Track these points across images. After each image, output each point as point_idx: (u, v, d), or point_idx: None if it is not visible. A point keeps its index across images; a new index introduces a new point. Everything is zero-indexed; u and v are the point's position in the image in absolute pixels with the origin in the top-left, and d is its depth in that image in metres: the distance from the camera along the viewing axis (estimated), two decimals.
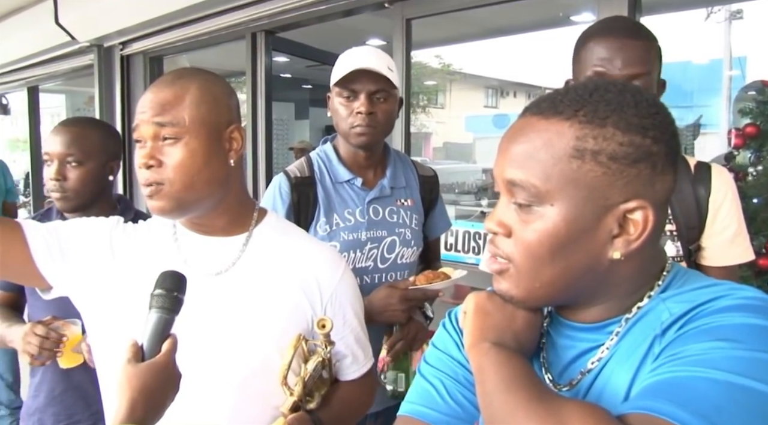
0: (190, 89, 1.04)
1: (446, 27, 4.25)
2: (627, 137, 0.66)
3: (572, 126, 0.68)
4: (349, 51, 1.62)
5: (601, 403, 0.66)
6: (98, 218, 1.16)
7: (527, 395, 0.64)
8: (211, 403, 1.07)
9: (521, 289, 0.73)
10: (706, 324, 0.64)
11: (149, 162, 1.01)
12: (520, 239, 0.70)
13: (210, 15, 3.54)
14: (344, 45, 1.70)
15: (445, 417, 0.81)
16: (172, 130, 1.01)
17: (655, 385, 0.61)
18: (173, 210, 1.04)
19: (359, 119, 1.53)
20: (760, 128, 2.34)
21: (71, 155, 1.60)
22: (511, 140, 0.72)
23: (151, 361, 0.87)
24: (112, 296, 1.08)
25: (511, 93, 16.43)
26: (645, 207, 0.67)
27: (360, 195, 1.62)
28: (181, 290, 0.91)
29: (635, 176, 0.67)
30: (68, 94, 8.51)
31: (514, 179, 0.70)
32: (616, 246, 0.69)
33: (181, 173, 1.01)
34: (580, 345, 0.76)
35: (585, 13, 4.14)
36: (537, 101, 0.73)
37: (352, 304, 1.17)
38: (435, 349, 0.89)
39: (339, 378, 1.19)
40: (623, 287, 0.73)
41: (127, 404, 0.83)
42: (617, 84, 0.71)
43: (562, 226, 0.68)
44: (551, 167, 0.68)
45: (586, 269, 0.70)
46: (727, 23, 9.46)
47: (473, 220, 4.26)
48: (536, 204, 0.69)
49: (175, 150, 1.01)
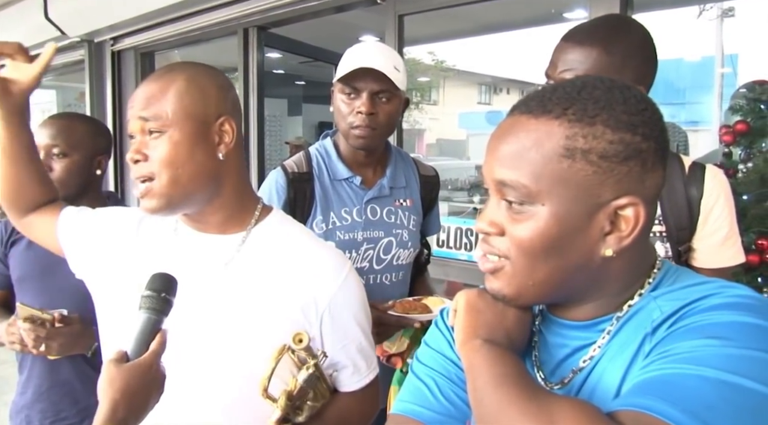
0: (175, 82, 1.02)
1: (439, 23, 4.25)
2: (617, 134, 0.66)
3: (561, 125, 0.67)
4: (356, 46, 1.58)
5: (592, 401, 0.66)
6: (130, 209, 1.22)
7: (518, 392, 0.64)
8: (204, 404, 1.05)
9: (514, 287, 0.73)
10: (697, 322, 0.64)
11: (135, 157, 1.00)
12: (514, 238, 0.70)
13: (202, 10, 3.53)
14: (336, 41, 1.69)
15: (437, 415, 0.81)
16: (155, 124, 1.00)
17: (646, 382, 0.61)
18: (163, 208, 1.02)
19: (359, 118, 1.50)
20: (751, 125, 2.35)
21: (56, 146, 1.62)
22: (500, 140, 0.71)
23: (134, 362, 0.86)
24: (120, 288, 1.09)
25: (505, 90, 16.41)
26: (636, 204, 0.67)
27: (358, 194, 1.59)
28: (170, 292, 0.91)
29: (626, 174, 0.67)
30: (59, 89, 8.44)
31: (504, 179, 0.69)
32: (608, 243, 0.69)
33: (164, 166, 1.00)
34: (571, 343, 0.76)
35: (578, 10, 4.15)
36: (525, 100, 0.72)
37: (353, 313, 1.11)
38: (427, 348, 0.89)
39: (339, 389, 1.13)
40: (615, 285, 0.73)
41: (109, 405, 0.83)
42: (605, 81, 0.71)
43: (553, 225, 0.67)
44: (542, 167, 0.67)
45: (579, 266, 0.70)
46: (719, 21, 9.48)
47: (465, 216, 4.26)
48: (527, 203, 0.69)
49: (159, 143, 1.00)
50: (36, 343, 1.48)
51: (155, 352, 0.88)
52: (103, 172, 1.74)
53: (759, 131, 2.33)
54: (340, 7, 3.13)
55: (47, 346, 1.49)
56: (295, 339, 1.00)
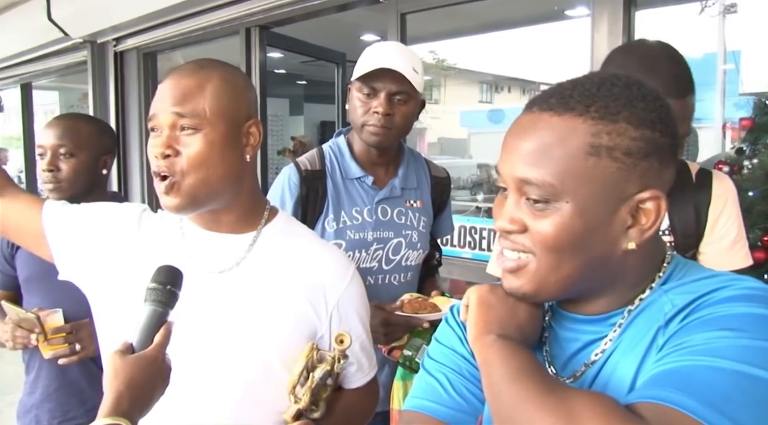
0: (211, 80, 1.01)
1: (440, 22, 4.25)
2: (639, 131, 0.67)
3: (585, 122, 0.67)
4: (376, 45, 1.58)
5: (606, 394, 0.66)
6: (128, 204, 1.17)
7: (536, 386, 0.64)
8: (213, 403, 1.05)
9: (535, 284, 0.72)
10: (710, 314, 0.64)
11: (166, 151, 0.97)
12: (539, 234, 0.70)
13: (204, 10, 3.54)
14: (339, 40, 1.69)
15: (450, 410, 0.81)
16: (192, 120, 0.98)
17: (662, 374, 0.62)
18: (187, 207, 1.00)
19: (375, 118, 1.49)
20: (756, 121, 2.35)
21: (63, 146, 1.63)
22: (520, 137, 0.71)
23: (139, 354, 0.86)
24: (121, 286, 1.07)
25: (506, 88, 16.42)
26: (658, 197, 0.68)
27: (370, 194, 1.59)
28: (176, 285, 0.90)
29: (647, 169, 0.68)
30: (62, 90, 8.46)
31: (527, 177, 0.69)
32: (631, 236, 0.69)
33: (197, 164, 0.98)
34: (583, 337, 0.77)
35: (580, 8, 4.15)
36: (543, 97, 0.72)
37: (358, 312, 1.14)
38: (438, 344, 0.89)
39: (343, 386, 1.16)
40: (628, 278, 0.73)
41: (113, 397, 0.82)
42: (621, 77, 0.71)
43: (579, 221, 0.68)
44: (566, 165, 0.67)
45: (602, 261, 0.70)
46: (721, 17, 9.45)
47: (468, 215, 4.26)
48: (551, 201, 0.68)
49: (193, 141, 0.98)
50: (71, 347, 1.54)
51: (160, 344, 0.87)
52: (108, 171, 1.75)
53: (764, 126, 2.33)
54: (343, 5, 3.14)
55: (84, 348, 1.55)
56: (336, 339, 1.01)
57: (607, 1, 2.20)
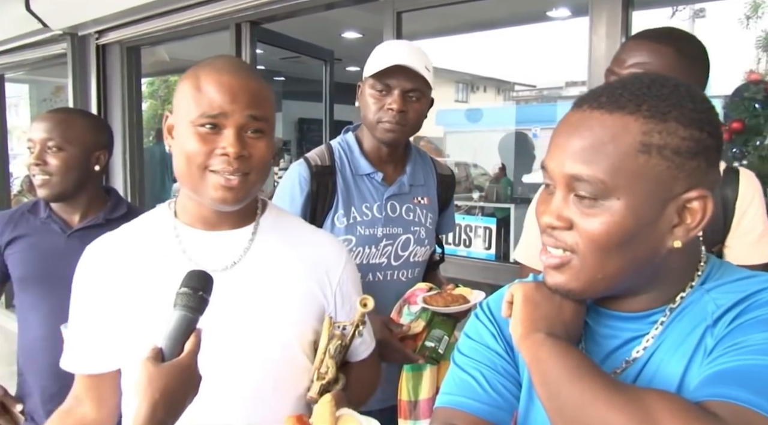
0: (263, 84, 1.06)
1: (424, 21, 4.24)
2: (688, 131, 0.69)
3: (637, 121, 0.69)
4: (388, 43, 1.60)
5: None
6: (81, 271, 1.12)
7: (601, 384, 0.65)
8: (232, 400, 1.06)
9: (581, 281, 0.73)
10: (764, 315, 0.66)
11: (243, 152, 1.01)
12: (587, 232, 0.71)
13: (192, 5, 3.47)
14: (328, 38, 1.69)
15: (486, 406, 0.82)
16: (263, 124, 1.04)
17: (723, 373, 0.63)
18: (241, 201, 1.05)
19: (389, 115, 1.51)
20: (745, 123, 2.42)
21: (51, 139, 1.62)
22: (570, 135, 0.72)
23: (173, 362, 0.84)
24: (127, 307, 1.06)
25: (482, 88, 16.50)
26: (705, 196, 0.70)
27: (379, 190, 1.60)
28: (206, 291, 0.89)
29: (695, 169, 0.69)
30: (32, 83, 8.19)
31: (579, 174, 0.70)
32: (677, 235, 0.71)
33: (262, 167, 1.05)
34: (622, 335, 0.78)
35: (561, 9, 4.21)
36: (593, 95, 0.73)
37: (356, 287, 1.20)
38: (469, 339, 0.90)
39: (351, 359, 1.20)
40: (671, 277, 0.75)
41: (148, 405, 0.81)
42: (670, 79, 0.73)
43: (629, 219, 0.69)
44: (618, 162, 0.68)
45: (647, 259, 0.72)
46: (691, 21, 9.66)
47: (463, 213, 4.27)
48: (601, 198, 0.70)
49: (260, 144, 1.04)
50: None
51: (192, 352, 0.86)
52: (102, 168, 1.72)
53: (753, 129, 2.40)
54: (334, 2, 3.12)
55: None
56: (361, 302, 1.09)
57: (606, 2, 2.23)
